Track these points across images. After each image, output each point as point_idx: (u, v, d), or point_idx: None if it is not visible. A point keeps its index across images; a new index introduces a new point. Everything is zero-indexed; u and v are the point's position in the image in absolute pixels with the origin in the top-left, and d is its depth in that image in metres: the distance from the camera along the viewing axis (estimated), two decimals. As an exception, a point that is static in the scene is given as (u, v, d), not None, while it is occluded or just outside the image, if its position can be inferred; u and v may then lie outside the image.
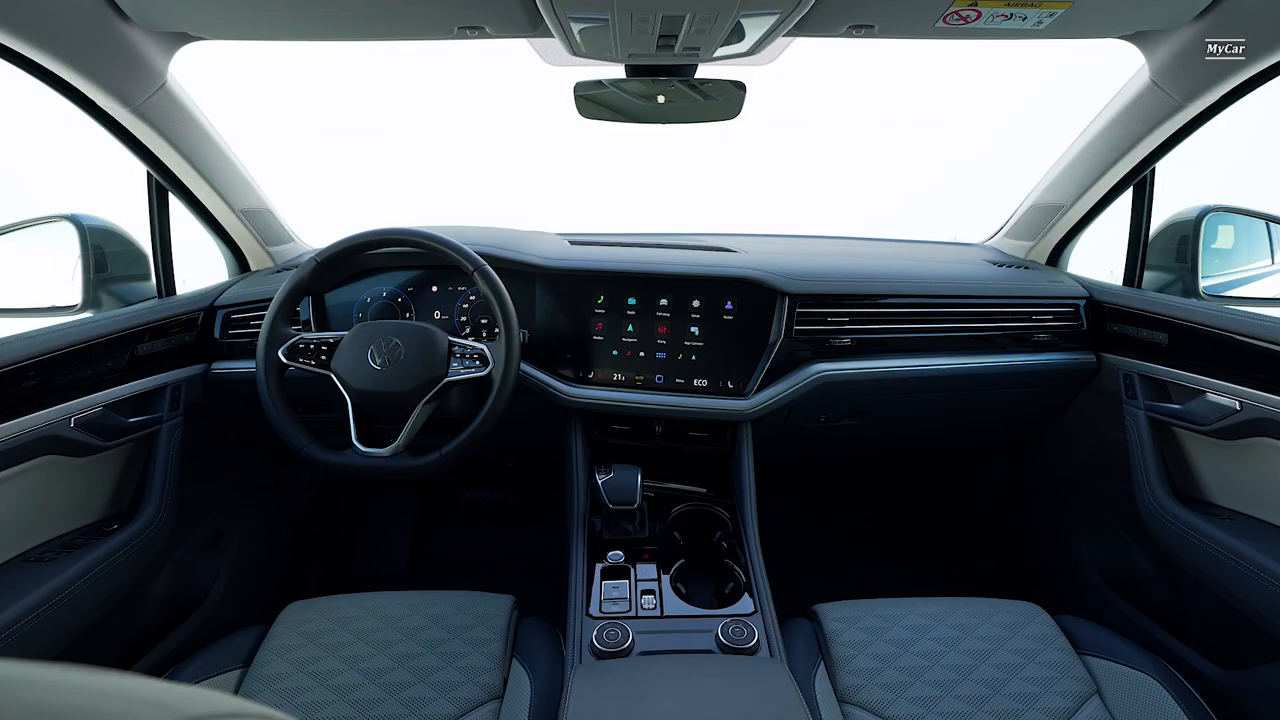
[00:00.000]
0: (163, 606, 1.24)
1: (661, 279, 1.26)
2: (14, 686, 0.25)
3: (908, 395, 1.32)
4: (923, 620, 0.98)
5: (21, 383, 0.95)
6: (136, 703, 0.25)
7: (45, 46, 0.90)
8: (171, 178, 1.22)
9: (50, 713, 0.23)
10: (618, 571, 1.05)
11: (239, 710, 0.27)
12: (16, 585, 0.91)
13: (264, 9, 0.93)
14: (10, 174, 2.64)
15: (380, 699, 0.86)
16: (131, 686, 0.27)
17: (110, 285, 1.28)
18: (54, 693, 0.25)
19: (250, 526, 1.48)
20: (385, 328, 1.10)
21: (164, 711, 0.25)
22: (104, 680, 0.26)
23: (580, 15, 0.89)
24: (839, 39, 1.10)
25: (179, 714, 0.25)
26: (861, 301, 1.27)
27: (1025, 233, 1.53)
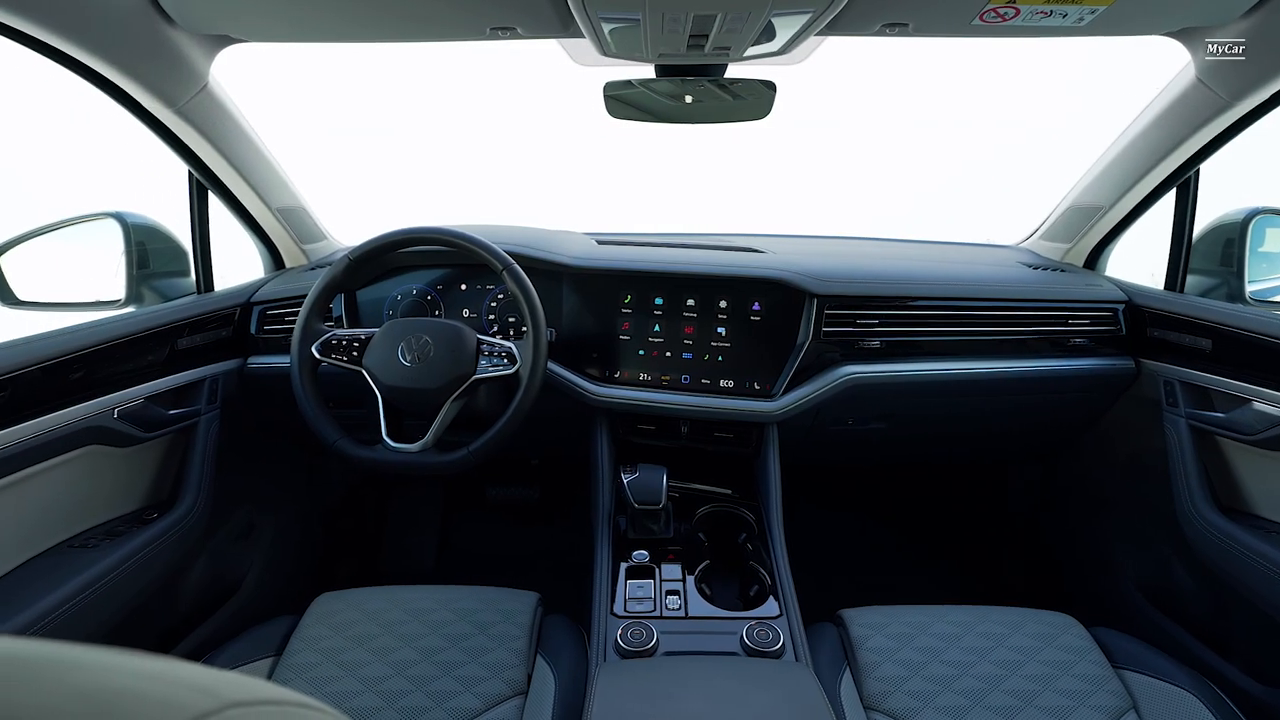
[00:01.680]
0: (199, 594, 1.27)
1: (689, 279, 1.26)
2: (63, 668, 0.26)
3: (938, 399, 1.30)
4: (951, 628, 0.97)
5: (68, 375, 0.98)
6: (180, 687, 0.26)
7: (95, 50, 0.93)
8: (211, 176, 1.25)
9: (99, 694, 0.24)
10: (642, 571, 1.05)
11: (277, 698, 0.28)
12: (62, 570, 0.94)
13: (304, 12, 0.95)
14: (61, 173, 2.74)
15: (407, 691, 0.87)
16: (176, 671, 0.28)
17: (152, 281, 1.31)
18: (102, 675, 0.26)
19: (283, 518, 1.52)
20: (415, 325, 1.12)
21: (207, 696, 0.26)
22: (149, 664, 0.27)
23: (611, 15, 0.89)
24: (872, 38, 1.09)
25: (221, 700, 0.26)
26: (891, 303, 1.25)
27: (1062, 235, 1.49)
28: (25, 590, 0.90)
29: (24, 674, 0.24)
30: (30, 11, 0.82)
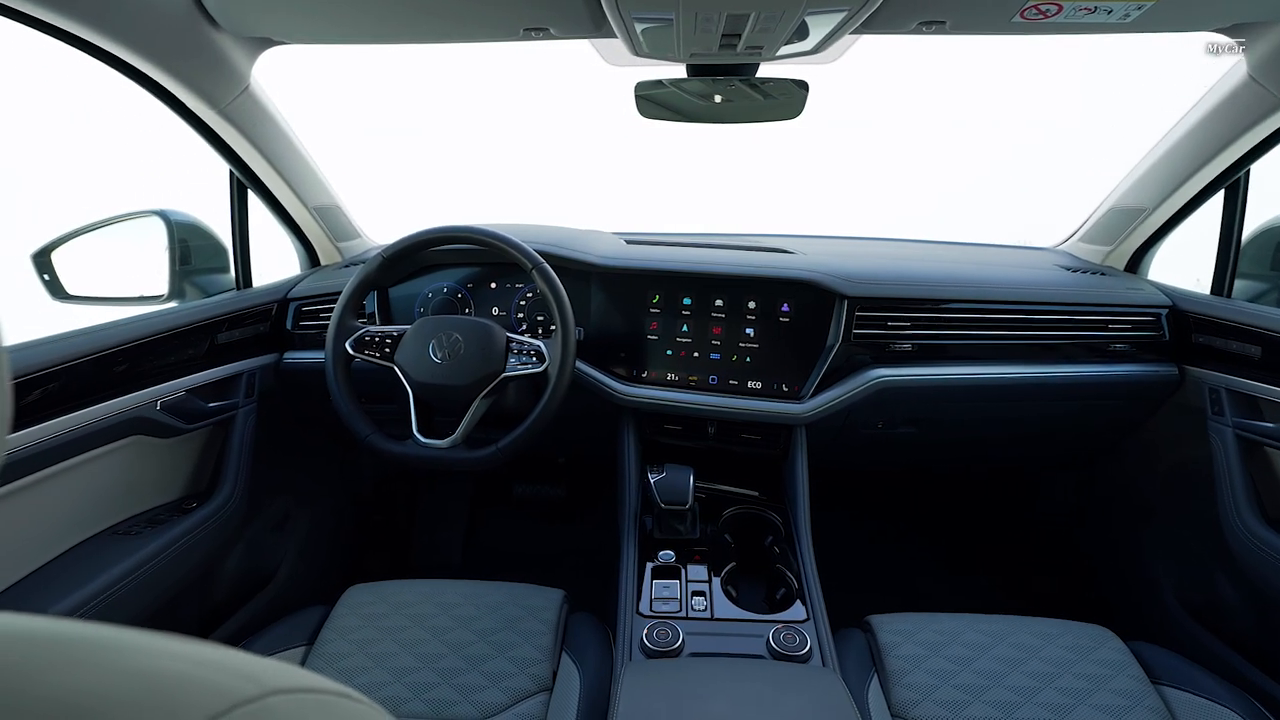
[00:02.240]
0: (235, 582, 1.31)
1: (717, 279, 1.25)
2: (115, 650, 0.26)
3: (971, 404, 1.27)
4: (983, 637, 0.95)
5: (114, 367, 1.01)
6: (225, 672, 0.27)
7: (145, 53, 0.96)
8: (251, 175, 1.28)
9: (149, 677, 0.25)
10: (668, 571, 1.05)
11: (317, 686, 0.29)
12: (107, 555, 0.98)
13: (343, 15, 0.97)
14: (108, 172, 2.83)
15: (435, 683, 0.89)
16: (221, 656, 0.28)
17: (193, 277, 1.35)
18: (152, 658, 0.26)
19: (316, 510, 1.55)
20: (446, 323, 1.13)
21: (250, 683, 0.26)
22: (195, 649, 0.28)
23: (644, 15, 0.89)
24: (908, 36, 1.07)
25: (264, 686, 0.27)
26: (924, 306, 1.23)
27: (1102, 237, 1.45)
28: (73, 574, 0.94)
29: (79, 655, 0.25)
30: (85, 16, 0.85)
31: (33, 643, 0.25)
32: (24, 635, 0.25)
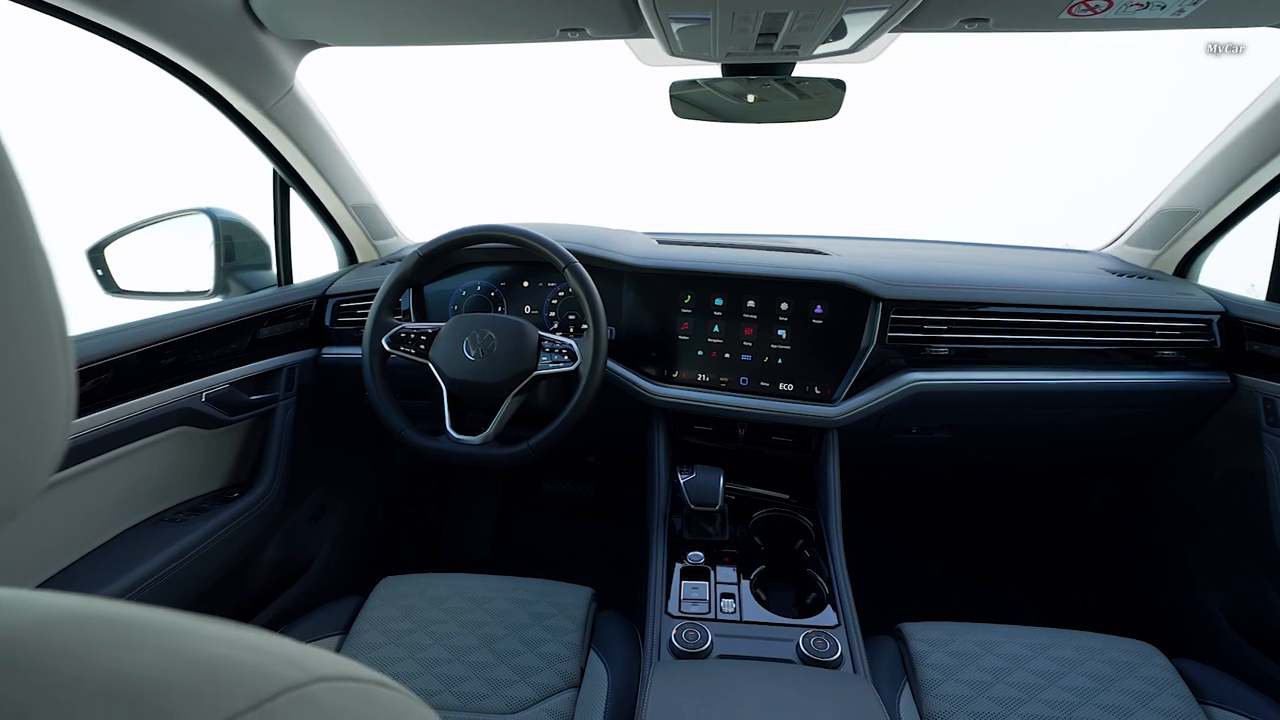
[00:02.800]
0: (273, 570, 1.34)
1: (749, 280, 1.24)
2: (169, 633, 0.27)
3: (1009, 410, 1.24)
4: (1020, 650, 0.92)
5: (161, 360, 1.05)
6: (274, 658, 0.27)
7: (196, 55, 0.99)
8: (294, 174, 1.31)
9: (201, 660, 0.26)
10: (697, 573, 1.05)
11: (360, 675, 0.29)
12: (153, 542, 1.01)
13: (384, 18, 0.99)
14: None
15: (465, 676, 0.90)
16: (268, 642, 0.29)
17: (237, 273, 1.39)
18: (202, 642, 0.27)
19: (351, 502, 1.58)
20: (480, 320, 1.15)
21: (296, 669, 0.27)
22: (244, 634, 0.29)
23: (681, 15, 0.89)
24: (949, 34, 1.05)
25: (310, 673, 0.27)
26: (962, 309, 1.20)
27: (1150, 240, 1.41)
28: (123, 558, 0.97)
29: (131, 637, 0.26)
30: (142, 22, 0.88)
31: (87, 624, 0.26)
32: (79, 616, 0.26)
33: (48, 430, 0.24)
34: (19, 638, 0.24)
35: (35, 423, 0.24)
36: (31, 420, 0.24)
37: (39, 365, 0.24)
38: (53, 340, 0.25)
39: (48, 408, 0.24)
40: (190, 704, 0.23)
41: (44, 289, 0.24)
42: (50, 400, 0.25)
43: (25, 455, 0.24)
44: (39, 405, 0.24)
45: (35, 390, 0.24)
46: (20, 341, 0.23)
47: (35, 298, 0.24)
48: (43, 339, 0.24)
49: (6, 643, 0.24)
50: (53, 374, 0.25)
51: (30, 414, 0.24)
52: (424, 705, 0.31)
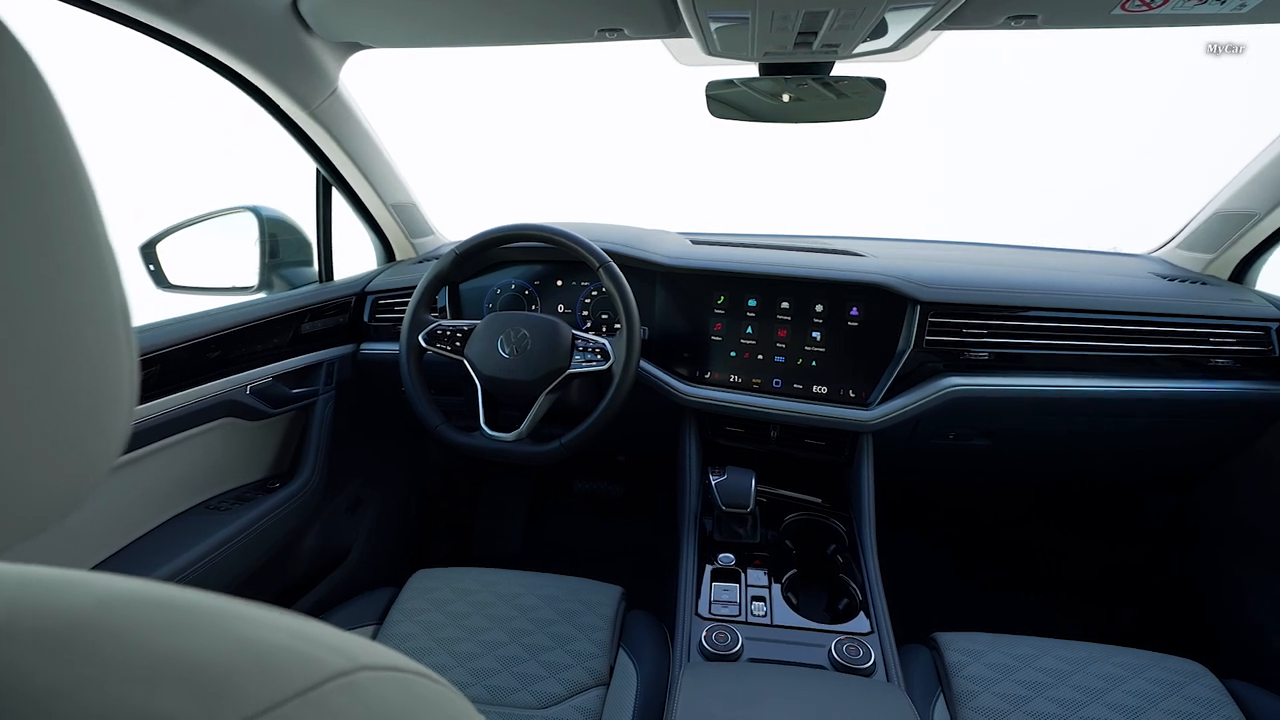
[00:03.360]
0: (310, 560, 1.38)
1: (784, 281, 1.23)
2: (225, 618, 0.28)
3: (1051, 418, 1.21)
4: (1061, 664, 0.90)
5: (207, 353, 1.08)
6: (321, 646, 0.28)
7: (246, 58, 1.02)
8: (336, 174, 1.34)
9: (254, 646, 0.26)
10: (728, 575, 1.04)
11: (403, 665, 0.30)
12: (199, 529, 1.05)
13: (426, 19, 1.01)
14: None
15: (495, 670, 0.91)
16: (316, 630, 0.30)
17: (280, 269, 1.43)
18: (252, 627, 0.28)
19: (386, 494, 1.62)
20: (515, 319, 1.16)
21: (343, 658, 0.28)
22: (291, 621, 0.30)
23: (720, 14, 0.89)
24: (994, 31, 1.03)
25: (356, 662, 0.28)
26: (1003, 313, 1.18)
27: (1204, 244, 1.35)
28: (170, 544, 1.01)
29: (186, 621, 0.27)
30: (197, 26, 0.91)
31: (145, 606, 0.27)
32: (137, 599, 0.27)
33: (113, 417, 0.25)
34: (82, 619, 0.25)
35: (102, 410, 0.25)
36: (99, 407, 0.25)
37: (106, 355, 0.25)
38: (119, 331, 0.26)
39: (113, 396, 0.25)
40: (242, 687, 0.24)
41: (112, 282, 0.26)
42: (115, 389, 0.26)
43: (93, 441, 0.25)
44: (106, 393, 0.25)
45: (103, 379, 0.25)
46: (90, 332, 0.24)
47: (104, 291, 0.25)
48: (110, 330, 0.25)
49: (71, 623, 0.25)
50: (118, 364, 0.26)
51: (98, 401, 0.25)
52: (463, 698, 0.32)
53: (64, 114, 0.24)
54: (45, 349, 0.22)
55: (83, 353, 0.24)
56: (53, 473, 0.23)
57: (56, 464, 0.23)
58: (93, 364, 0.24)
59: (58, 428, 0.23)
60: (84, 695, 0.22)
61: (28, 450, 0.22)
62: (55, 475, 0.23)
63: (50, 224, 0.22)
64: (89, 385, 0.24)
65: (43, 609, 0.25)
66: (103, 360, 0.25)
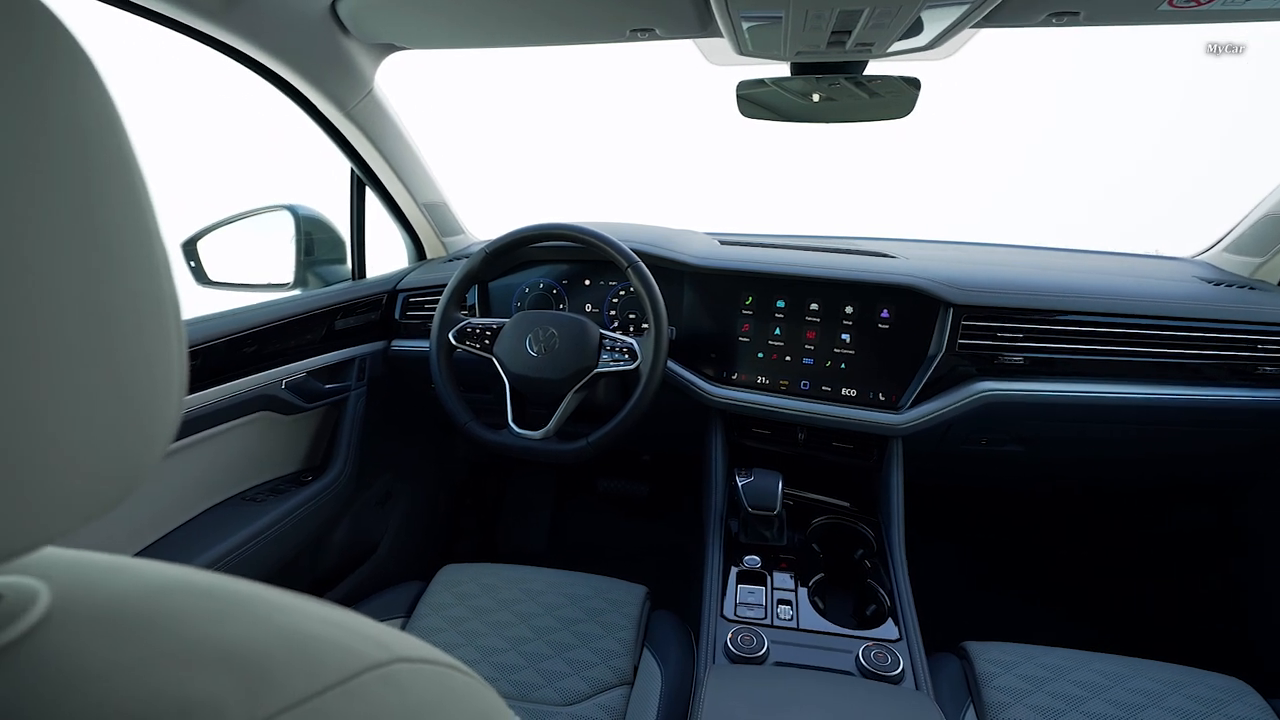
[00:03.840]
0: (341, 552, 1.40)
1: (813, 282, 1.22)
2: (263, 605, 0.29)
3: (1089, 425, 1.18)
4: (1096, 678, 0.88)
5: (244, 348, 1.11)
6: (359, 637, 0.29)
7: (286, 59, 1.04)
8: (370, 173, 1.37)
9: (295, 634, 0.27)
10: (754, 577, 1.04)
11: (437, 658, 0.30)
12: (236, 519, 1.08)
13: (460, 21, 1.02)
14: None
15: (520, 666, 0.92)
16: (354, 621, 0.31)
17: (315, 267, 1.46)
18: (294, 616, 0.29)
19: (415, 489, 1.64)
20: (543, 318, 1.17)
21: (381, 649, 0.28)
22: (330, 611, 0.30)
23: (753, 14, 0.88)
24: (1034, 29, 1.00)
25: (393, 653, 0.28)
26: (1039, 317, 1.15)
27: (1252, 248, 1.31)
28: (208, 534, 1.04)
29: (232, 608, 0.28)
30: (240, 29, 0.94)
31: (193, 593, 0.28)
32: (186, 586, 0.28)
33: (165, 406, 0.26)
34: (134, 603, 0.26)
35: (155, 399, 0.26)
36: (152, 397, 0.25)
37: (158, 347, 0.26)
38: (169, 324, 0.27)
39: (165, 386, 0.26)
40: (285, 674, 0.24)
41: (163, 277, 0.26)
42: (167, 379, 0.26)
43: (147, 429, 0.25)
44: (158, 383, 0.26)
45: (155, 369, 0.26)
46: (142, 326, 0.25)
47: (155, 285, 0.26)
48: (161, 324, 0.26)
49: (124, 607, 0.26)
50: (169, 355, 0.26)
51: (151, 391, 0.25)
52: (493, 692, 0.32)
53: (119, 110, 0.24)
54: (102, 340, 0.23)
55: (137, 344, 0.24)
56: (111, 459, 0.24)
57: (115, 451, 0.24)
58: (146, 355, 0.25)
59: (115, 416, 0.24)
60: (136, 676, 0.22)
61: (88, 438, 0.23)
62: (113, 462, 0.24)
63: (106, 219, 0.23)
64: (143, 375, 0.25)
65: (98, 592, 0.26)
66: (155, 351, 0.25)
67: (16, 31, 0.20)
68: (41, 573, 0.26)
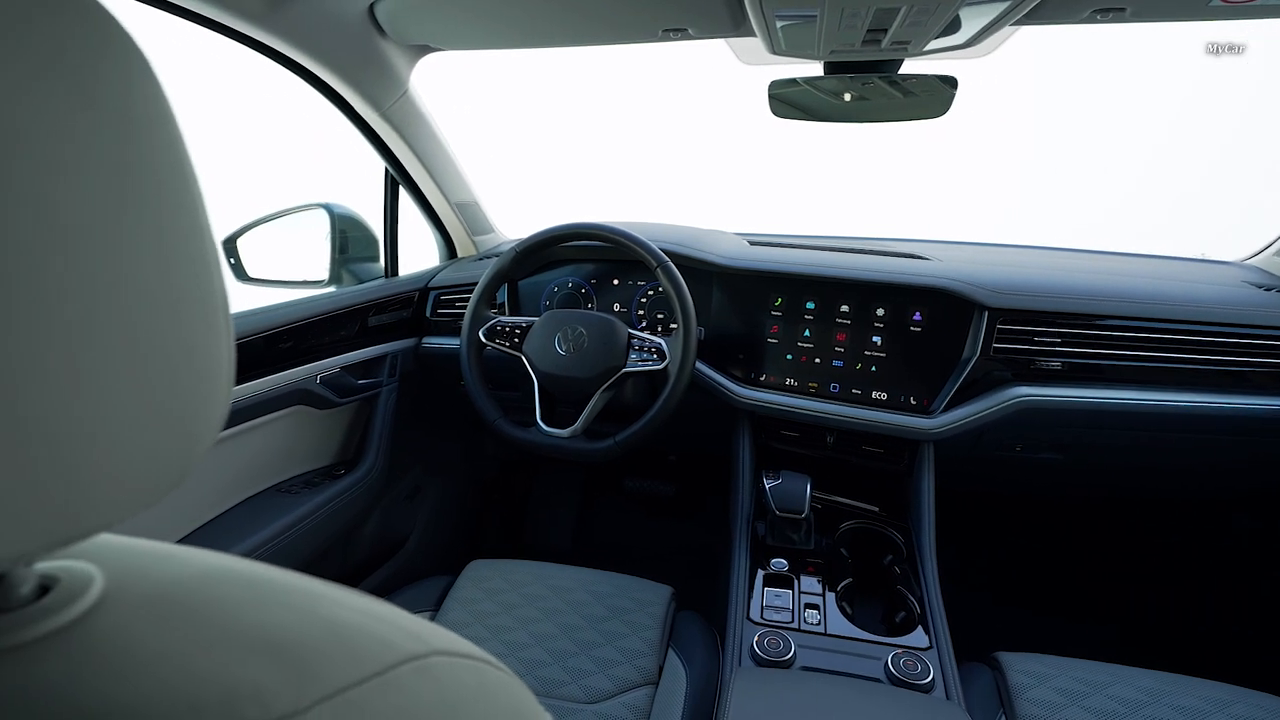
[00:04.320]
0: (372, 545, 1.43)
1: (843, 284, 1.21)
2: (303, 595, 0.30)
3: (1130, 432, 1.14)
4: (1134, 693, 0.85)
5: (280, 343, 1.13)
6: (396, 629, 0.29)
7: (325, 61, 1.06)
8: (404, 173, 1.39)
9: (335, 624, 0.27)
10: (781, 580, 1.03)
11: (473, 653, 0.31)
12: (272, 510, 1.10)
13: (494, 22, 1.03)
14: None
15: (546, 662, 0.92)
16: (392, 613, 0.31)
17: (349, 264, 1.48)
18: (333, 607, 0.29)
19: (443, 485, 1.66)
20: (572, 316, 1.17)
21: (419, 641, 0.29)
22: (368, 603, 0.31)
23: (787, 13, 0.87)
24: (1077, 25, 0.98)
25: (430, 646, 0.29)
26: (1078, 321, 1.12)
27: (1307, 251, 1.26)
28: (246, 523, 1.06)
29: (272, 596, 0.28)
30: (280, 31, 0.96)
31: (239, 581, 0.28)
32: (232, 574, 0.29)
33: (214, 399, 0.27)
34: (184, 589, 0.27)
35: (206, 390, 0.26)
36: (203, 388, 0.26)
37: (209, 340, 0.26)
38: (219, 319, 0.27)
39: (214, 378, 0.27)
40: (325, 664, 0.25)
41: (213, 272, 0.27)
42: (216, 371, 0.27)
43: (199, 419, 0.26)
44: (208, 375, 0.26)
45: (206, 362, 0.26)
46: (194, 319, 0.26)
47: (206, 279, 0.26)
48: (212, 317, 0.27)
49: (174, 593, 0.27)
50: (219, 348, 0.27)
51: (202, 382, 0.26)
52: (525, 688, 0.32)
53: (173, 109, 0.25)
54: (158, 333, 0.24)
55: (189, 337, 0.25)
56: (164, 449, 0.24)
57: (167, 441, 0.24)
58: (197, 347, 0.26)
59: (168, 407, 0.24)
60: (184, 661, 0.23)
61: (144, 429, 0.23)
62: (166, 451, 0.24)
63: (161, 213, 0.24)
64: (195, 367, 0.26)
65: (148, 578, 0.27)
66: (206, 344, 0.26)
67: (72, 27, 0.21)
68: (95, 558, 0.27)
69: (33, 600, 0.24)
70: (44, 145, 0.20)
